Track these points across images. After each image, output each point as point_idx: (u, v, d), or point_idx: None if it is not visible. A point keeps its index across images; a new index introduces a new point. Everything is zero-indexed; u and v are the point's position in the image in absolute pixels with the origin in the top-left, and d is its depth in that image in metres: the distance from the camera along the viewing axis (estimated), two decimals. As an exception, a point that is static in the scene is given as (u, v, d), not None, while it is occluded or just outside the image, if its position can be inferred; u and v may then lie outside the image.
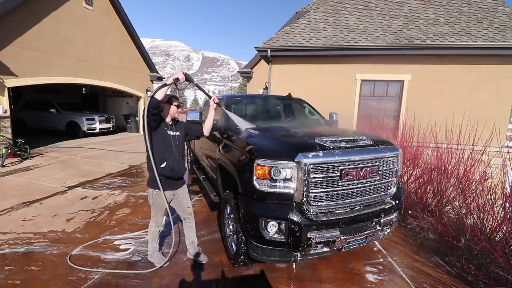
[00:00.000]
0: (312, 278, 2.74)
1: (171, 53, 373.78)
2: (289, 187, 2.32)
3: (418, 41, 7.37)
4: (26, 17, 8.34)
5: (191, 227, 2.93)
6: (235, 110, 4.07)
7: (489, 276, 2.69)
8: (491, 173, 3.40)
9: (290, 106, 4.61)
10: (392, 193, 2.75)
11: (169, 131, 2.64)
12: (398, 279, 2.77)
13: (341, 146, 2.48)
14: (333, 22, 8.87)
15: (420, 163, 4.49)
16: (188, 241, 2.98)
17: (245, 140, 2.78)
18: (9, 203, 4.47)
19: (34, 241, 3.30)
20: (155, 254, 2.86)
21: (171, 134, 2.65)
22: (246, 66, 16.10)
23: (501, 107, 7.12)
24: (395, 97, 7.94)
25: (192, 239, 2.96)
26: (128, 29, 12.82)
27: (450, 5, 8.62)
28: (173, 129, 2.68)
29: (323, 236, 2.29)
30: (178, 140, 2.71)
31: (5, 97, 7.79)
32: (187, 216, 2.88)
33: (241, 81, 68.68)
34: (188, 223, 2.91)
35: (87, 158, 8.00)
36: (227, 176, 3.08)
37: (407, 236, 3.69)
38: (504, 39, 6.89)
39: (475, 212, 3.18)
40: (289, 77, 8.56)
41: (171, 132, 2.66)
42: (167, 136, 2.61)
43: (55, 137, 11.34)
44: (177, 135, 2.70)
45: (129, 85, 13.19)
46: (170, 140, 2.63)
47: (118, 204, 4.60)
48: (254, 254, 2.50)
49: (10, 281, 2.56)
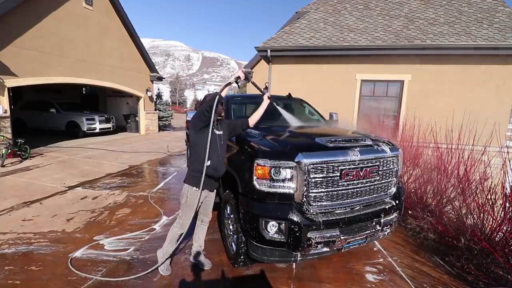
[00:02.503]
0: (312, 278, 2.74)
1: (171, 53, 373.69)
2: (289, 187, 2.32)
3: (418, 41, 7.37)
4: (26, 17, 8.33)
5: (204, 230, 2.87)
6: (235, 110, 4.07)
7: (489, 276, 2.68)
8: (491, 173, 3.40)
9: (290, 106, 4.61)
10: (392, 193, 2.75)
11: (216, 130, 2.63)
12: (398, 279, 2.77)
13: (341, 146, 2.48)
14: (333, 22, 8.87)
15: (420, 163, 4.49)
16: (196, 244, 2.88)
17: (245, 140, 2.78)
18: (9, 203, 4.47)
19: (34, 241, 3.30)
20: (165, 257, 2.74)
21: (217, 133, 2.64)
22: (246, 66, 16.10)
23: (501, 107, 7.11)
24: (395, 97, 7.94)
25: (201, 242, 2.88)
26: (128, 29, 12.82)
27: (450, 5, 8.62)
28: (218, 129, 2.67)
29: (323, 236, 2.29)
30: (223, 139, 2.69)
31: (5, 97, 7.79)
32: (206, 218, 2.84)
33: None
34: (203, 225, 2.86)
35: (87, 158, 8.00)
36: (227, 176, 3.08)
37: (407, 236, 3.69)
38: (504, 39, 6.89)
39: (475, 212, 3.18)
40: (289, 77, 8.56)
41: (218, 131, 2.65)
42: (214, 135, 2.60)
43: (55, 137, 11.34)
44: (222, 135, 2.68)
45: (129, 85, 13.19)
46: (217, 139, 2.62)
47: (118, 204, 4.60)
48: (254, 254, 2.50)
49: (10, 281, 2.56)
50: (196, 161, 2.59)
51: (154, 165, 7.57)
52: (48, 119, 12.24)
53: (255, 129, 3.21)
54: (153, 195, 5.06)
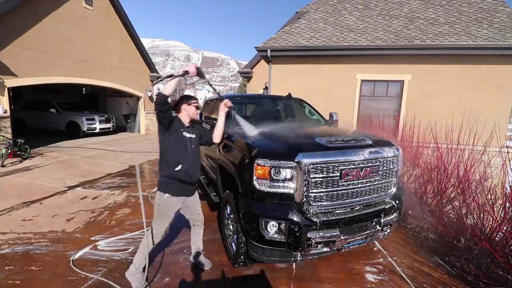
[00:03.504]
0: (312, 278, 2.74)
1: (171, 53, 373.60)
2: (289, 187, 2.32)
3: (418, 41, 7.36)
4: (26, 17, 8.33)
5: (199, 233, 2.82)
6: (235, 110, 4.07)
7: (489, 276, 2.68)
8: (491, 173, 3.39)
9: (290, 106, 4.61)
10: (392, 193, 2.75)
11: (185, 132, 2.50)
12: (398, 279, 2.77)
13: (341, 146, 2.48)
14: (333, 22, 8.87)
15: (420, 163, 4.49)
16: (194, 247, 2.86)
17: (245, 140, 2.77)
18: (9, 203, 4.47)
19: (34, 241, 3.30)
20: (138, 274, 2.51)
21: (187, 136, 2.51)
22: (246, 66, 16.08)
23: (501, 107, 7.11)
24: (395, 97, 7.94)
25: (198, 244, 2.84)
26: (128, 29, 12.82)
27: (450, 5, 8.62)
28: (190, 131, 2.54)
29: (323, 236, 2.29)
30: (195, 143, 2.56)
31: (5, 97, 7.79)
32: (198, 223, 2.76)
33: (241, 81, 68.65)
34: (197, 229, 2.80)
35: (87, 158, 8.00)
36: (227, 176, 3.08)
37: (407, 236, 3.69)
38: (504, 39, 6.89)
39: (475, 212, 3.18)
40: (289, 77, 8.56)
41: (188, 134, 2.52)
42: (183, 138, 2.48)
43: (55, 137, 11.34)
44: (193, 138, 2.56)
45: (129, 85, 13.19)
46: (187, 142, 2.49)
47: (118, 204, 4.60)
48: (254, 254, 2.50)
49: (10, 281, 2.56)
50: (164, 166, 2.47)
51: (154, 165, 7.56)
52: (48, 119, 12.24)
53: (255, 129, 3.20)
54: (153, 195, 5.05)
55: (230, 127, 3.27)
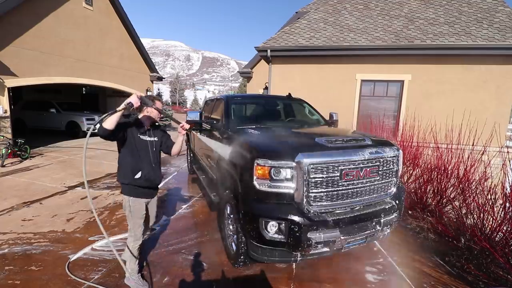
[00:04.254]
0: (312, 278, 2.74)
1: (171, 53, 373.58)
2: (289, 187, 2.32)
3: (418, 41, 7.36)
4: (26, 17, 8.33)
5: None
6: (235, 110, 4.07)
7: (489, 276, 2.69)
8: (491, 173, 3.39)
9: (290, 106, 4.61)
10: (392, 193, 2.75)
11: (144, 136, 2.41)
12: (398, 279, 2.77)
13: (341, 146, 2.48)
14: (333, 22, 8.87)
15: (420, 163, 4.50)
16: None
17: (245, 140, 2.78)
18: (9, 203, 4.47)
19: (34, 241, 3.30)
20: (134, 276, 2.50)
21: (148, 140, 2.43)
22: (246, 66, 16.08)
23: (501, 107, 7.12)
24: (395, 97, 7.95)
25: None
26: (128, 29, 12.82)
27: (450, 5, 8.62)
28: (150, 135, 2.46)
29: (323, 236, 2.29)
30: (156, 146, 2.49)
31: (5, 97, 7.79)
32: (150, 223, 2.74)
33: (241, 81, 68.67)
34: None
35: (87, 158, 7.99)
36: (227, 176, 3.08)
37: (407, 236, 3.69)
38: (504, 39, 6.89)
39: (475, 212, 3.18)
40: (289, 77, 8.56)
41: (148, 137, 2.43)
42: (142, 142, 2.39)
43: (55, 137, 11.34)
44: (154, 141, 2.48)
45: (129, 85, 13.18)
46: (147, 146, 2.41)
47: (118, 204, 4.60)
48: (254, 254, 2.50)
49: (10, 281, 2.56)
50: (122, 175, 2.38)
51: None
52: (48, 119, 12.23)
53: (255, 129, 3.21)
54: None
55: None
